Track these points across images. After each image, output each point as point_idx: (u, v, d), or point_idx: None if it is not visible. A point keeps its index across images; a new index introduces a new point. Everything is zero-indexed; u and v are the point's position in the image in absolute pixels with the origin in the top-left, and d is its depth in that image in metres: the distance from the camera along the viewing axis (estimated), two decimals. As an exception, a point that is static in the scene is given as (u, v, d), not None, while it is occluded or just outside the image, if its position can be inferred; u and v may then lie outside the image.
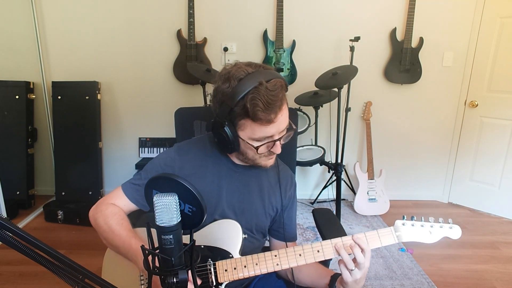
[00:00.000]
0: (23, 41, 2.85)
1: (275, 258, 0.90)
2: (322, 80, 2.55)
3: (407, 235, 0.89)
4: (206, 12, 2.86)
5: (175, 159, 1.03)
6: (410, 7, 2.81)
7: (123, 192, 1.02)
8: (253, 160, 0.99)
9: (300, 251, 0.90)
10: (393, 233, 0.90)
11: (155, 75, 2.97)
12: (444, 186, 3.25)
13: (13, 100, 2.79)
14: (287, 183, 1.12)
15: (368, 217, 2.90)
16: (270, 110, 0.85)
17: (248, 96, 0.84)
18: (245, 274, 0.90)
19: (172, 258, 0.60)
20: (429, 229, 0.89)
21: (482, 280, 2.11)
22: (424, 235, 0.89)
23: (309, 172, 3.22)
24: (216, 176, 1.03)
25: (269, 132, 0.89)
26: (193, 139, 1.12)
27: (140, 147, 3.06)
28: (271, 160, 1.00)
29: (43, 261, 0.53)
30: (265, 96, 0.84)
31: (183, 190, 0.60)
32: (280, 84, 0.88)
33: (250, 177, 1.06)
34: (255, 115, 0.85)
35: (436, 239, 0.89)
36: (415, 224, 0.90)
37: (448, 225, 0.90)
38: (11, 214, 2.68)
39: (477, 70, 2.94)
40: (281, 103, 0.87)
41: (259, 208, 1.06)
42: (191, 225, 0.63)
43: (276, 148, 0.94)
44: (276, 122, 0.88)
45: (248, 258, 0.91)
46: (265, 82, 0.85)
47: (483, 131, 2.97)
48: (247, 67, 0.88)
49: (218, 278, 0.90)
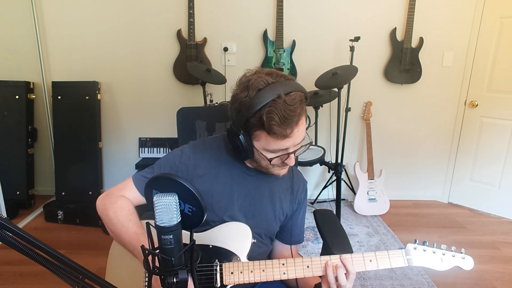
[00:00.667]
0: (23, 41, 2.85)
1: (282, 266, 0.90)
2: (322, 80, 2.55)
3: (417, 260, 0.88)
4: (206, 12, 2.86)
5: (190, 157, 1.02)
6: (410, 7, 2.81)
7: (133, 184, 1.02)
8: (266, 169, 0.99)
9: (308, 262, 0.90)
10: (403, 256, 0.89)
11: (155, 75, 2.97)
12: (444, 186, 3.25)
13: (13, 100, 2.79)
14: (298, 188, 1.12)
15: (368, 217, 2.90)
16: (286, 125, 0.83)
17: (265, 109, 0.83)
18: (251, 279, 0.90)
19: (172, 258, 0.60)
20: (440, 257, 0.88)
21: (482, 280, 2.11)
22: (435, 262, 0.88)
23: (309, 172, 3.22)
24: (229, 178, 1.03)
25: (284, 145, 0.89)
26: (208, 139, 1.11)
27: (140, 147, 3.06)
28: (284, 170, 0.99)
29: (43, 261, 0.53)
30: (282, 111, 0.82)
31: (183, 190, 0.60)
32: (300, 98, 0.86)
33: (262, 182, 1.06)
34: (270, 128, 0.84)
35: (447, 267, 0.88)
36: (427, 249, 0.88)
37: (461, 255, 0.88)
38: (11, 214, 2.67)
39: (477, 70, 2.94)
40: (298, 118, 0.85)
41: (270, 213, 1.06)
42: (191, 225, 0.64)
43: (290, 160, 0.93)
44: (292, 137, 0.87)
45: (255, 264, 0.91)
46: (283, 95, 0.83)
47: (483, 131, 2.97)
48: (267, 77, 0.87)
49: (223, 280, 0.90)
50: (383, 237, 2.58)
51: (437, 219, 2.92)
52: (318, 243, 2.49)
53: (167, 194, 0.59)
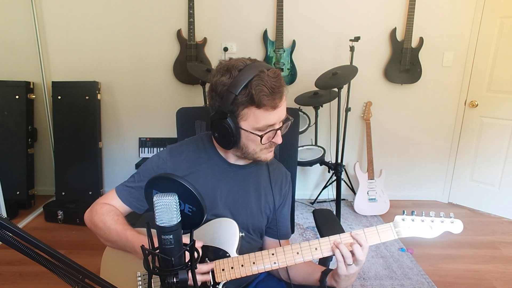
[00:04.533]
0: (23, 41, 2.85)
1: (272, 256, 0.91)
2: (322, 80, 2.55)
3: (407, 230, 0.88)
4: (206, 12, 2.86)
5: (167, 161, 1.03)
6: (410, 7, 2.81)
7: (116, 195, 1.04)
8: (253, 154, 0.98)
9: (297, 249, 0.90)
10: (392, 229, 0.89)
11: (155, 75, 2.97)
12: (444, 186, 3.25)
13: (13, 100, 2.79)
14: (282, 180, 1.12)
15: (368, 217, 2.90)
16: (275, 95, 0.87)
17: (252, 82, 0.86)
18: (243, 273, 0.90)
19: (172, 258, 0.60)
20: (429, 224, 0.88)
21: (482, 280, 2.11)
22: (424, 230, 0.88)
23: (309, 172, 3.22)
24: (210, 177, 1.03)
25: (272, 119, 0.91)
26: (185, 140, 1.12)
27: (140, 147, 3.06)
28: (271, 153, 1.00)
29: (43, 261, 0.53)
30: (269, 82, 0.86)
31: (183, 190, 0.60)
32: (279, 72, 0.91)
33: (245, 177, 1.06)
34: (260, 100, 0.86)
35: (437, 233, 0.88)
36: (415, 219, 0.88)
37: (450, 219, 0.89)
38: (11, 214, 2.68)
39: (477, 70, 2.93)
40: (283, 89, 0.90)
41: (255, 207, 1.06)
42: (191, 225, 0.64)
43: (277, 138, 0.95)
44: (279, 108, 0.90)
45: (245, 257, 0.91)
46: (266, 70, 0.88)
47: (483, 131, 2.97)
48: (244, 60, 0.91)
49: (215, 278, 0.90)
50: (383, 237, 2.58)
51: (437, 219, 2.92)
52: (318, 243, 2.49)
53: (167, 194, 0.59)
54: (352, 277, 0.90)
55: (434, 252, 2.38)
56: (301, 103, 2.67)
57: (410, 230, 0.87)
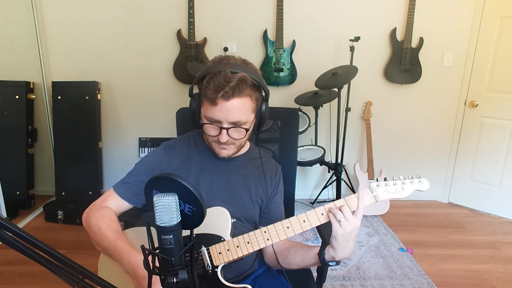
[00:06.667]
0: (23, 41, 2.85)
1: (265, 234, 0.94)
2: (322, 80, 2.55)
3: (382, 194, 0.97)
4: (206, 12, 2.86)
5: (163, 155, 1.09)
6: (410, 7, 2.81)
7: (115, 192, 1.07)
8: (210, 144, 1.04)
9: (287, 223, 0.95)
10: (370, 194, 0.96)
11: (155, 75, 2.97)
12: (444, 186, 3.25)
13: (13, 100, 2.79)
14: (272, 172, 1.15)
15: (368, 217, 2.90)
16: (217, 93, 0.91)
17: (209, 76, 0.93)
18: (239, 254, 0.93)
19: (172, 258, 0.60)
20: (401, 186, 0.98)
21: (482, 280, 2.11)
22: (397, 192, 0.98)
23: (309, 172, 3.22)
24: (201, 169, 1.08)
25: (216, 115, 0.94)
26: (179, 137, 1.19)
27: (140, 147, 3.06)
28: (223, 150, 1.03)
29: (43, 261, 0.53)
30: (219, 80, 0.91)
31: (183, 190, 0.60)
32: (241, 77, 0.91)
33: (234, 168, 1.11)
34: (205, 92, 0.94)
35: (409, 193, 0.98)
36: (388, 183, 0.97)
37: (418, 179, 0.99)
38: (11, 214, 2.68)
39: (477, 70, 2.94)
40: (232, 92, 0.91)
41: (245, 196, 1.09)
42: (191, 225, 0.63)
43: (221, 136, 0.97)
44: (219, 106, 0.92)
45: (239, 239, 0.95)
46: (229, 72, 0.91)
47: (483, 131, 2.97)
48: (232, 59, 0.96)
49: (213, 262, 0.93)
50: (383, 237, 2.58)
51: (437, 219, 2.92)
52: (318, 243, 2.49)
53: (167, 194, 0.59)
54: (349, 238, 0.91)
55: (434, 252, 2.38)
56: (301, 103, 2.67)
57: (385, 193, 0.97)
